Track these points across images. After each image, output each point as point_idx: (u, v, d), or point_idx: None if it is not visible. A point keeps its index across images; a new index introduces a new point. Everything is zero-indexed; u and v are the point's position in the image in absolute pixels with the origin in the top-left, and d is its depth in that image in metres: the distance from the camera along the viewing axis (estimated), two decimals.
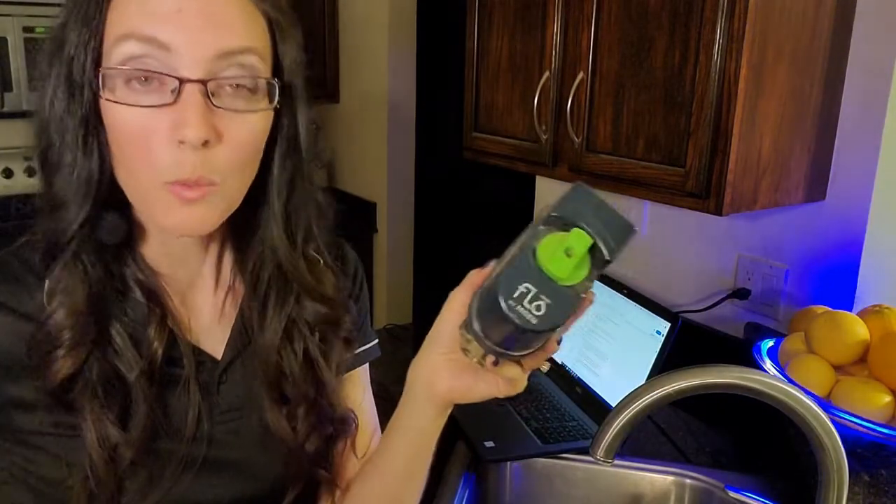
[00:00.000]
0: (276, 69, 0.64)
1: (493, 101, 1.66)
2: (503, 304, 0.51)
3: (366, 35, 2.92)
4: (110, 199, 0.63)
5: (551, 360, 1.60)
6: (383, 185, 2.95)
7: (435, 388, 0.65)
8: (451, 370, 0.63)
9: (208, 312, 0.72)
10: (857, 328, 1.10)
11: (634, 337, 1.39)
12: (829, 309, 1.19)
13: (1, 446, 0.66)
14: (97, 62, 0.59)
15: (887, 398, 1.02)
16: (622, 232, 0.53)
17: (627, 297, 1.46)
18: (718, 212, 1.17)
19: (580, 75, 1.37)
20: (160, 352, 0.65)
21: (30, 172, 2.78)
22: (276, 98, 0.63)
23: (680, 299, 1.62)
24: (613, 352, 1.44)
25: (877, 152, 1.23)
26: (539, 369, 0.63)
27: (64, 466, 0.64)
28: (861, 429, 0.97)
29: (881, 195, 1.24)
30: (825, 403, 1.03)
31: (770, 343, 1.23)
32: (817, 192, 1.30)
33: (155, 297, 0.67)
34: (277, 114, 0.65)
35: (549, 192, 2.06)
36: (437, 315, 0.65)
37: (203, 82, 0.57)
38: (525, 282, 0.51)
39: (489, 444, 1.28)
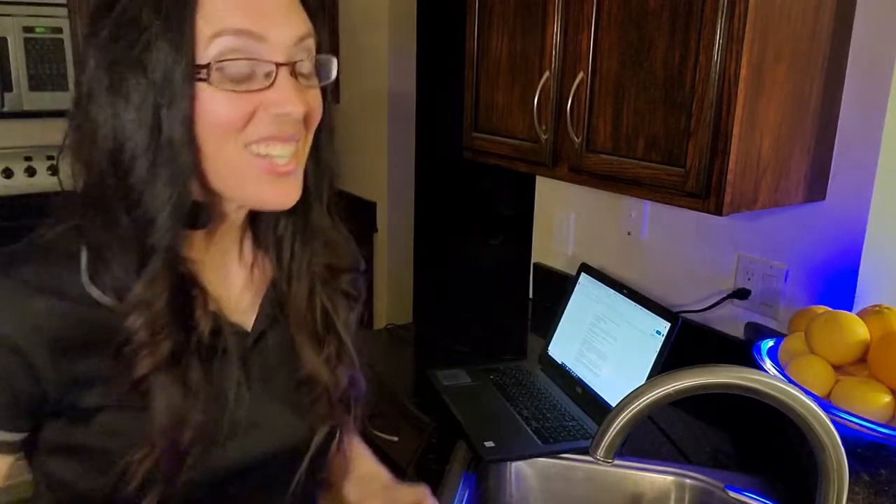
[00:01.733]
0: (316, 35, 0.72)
1: (493, 101, 1.66)
2: None
3: (366, 35, 2.92)
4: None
5: (551, 360, 1.60)
6: (383, 184, 2.96)
7: None
8: None
9: (238, 286, 0.78)
10: (856, 328, 1.10)
11: (634, 337, 1.39)
12: (829, 309, 1.19)
13: (54, 425, 0.69)
14: (193, 61, 0.63)
15: (887, 398, 1.02)
16: None
17: (627, 297, 1.46)
18: (718, 212, 1.17)
19: (580, 75, 1.37)
20: (207, 331, 0.70)
21: (30, 172, 2.78)
22: (331, 75, 0.71)
23: (680, 299, 1.63)
24: (613, 352, 1.44)
25: (877, 152, 1.23)
26: None
27: (121, 440, 0.67)
28: (861, 429, 0.97)
29: (881, 195, 1.25)
30: (825, 403, 1.03)
31: (770, 343, 1.23)
32: (817, 192, 1.30)
33: (199, 282, 0.71)
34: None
35: (549, 192, 2.06)
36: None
37: (291, 64, 0.66)
38: None
39: (489, 444, 1.28)
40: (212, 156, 0.66)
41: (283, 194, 0.69)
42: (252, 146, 0.66)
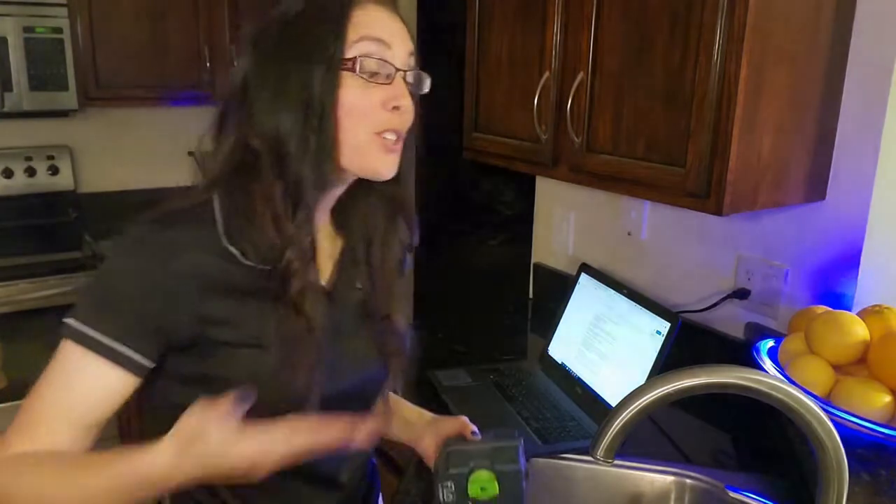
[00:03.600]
0: None
1: (493, 101, 1.66)
2: None
3: None
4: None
5: (552, 360, 1.60)
6: None
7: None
8: None
9: (323, 249, 0.94)
10: (856, 328, 1.10)
11: (634, 337, 1.39)
12: (829, 309, 1.19)
13: (188, 358, 0.84)
14: (343, 55, 0.82)
15: (887, 398, 1.02)
16: (508, 451, 0.86)
17: (627, 297, 1.46)
18: (718, 212, 1.17)
19: (580, 75, 1.37)
20: (315, 282, 0.88)
21: (30, 172, 2.78)
22: (423, 88, 0.91)
23: (680, 299, 1.63)
24: (613, 352, 1.44)
25: (877, 152, 1.23)
26: None
27: (241, 371, 0.83)
28: (861, 429, 0.98)
29: (881, 195, 1.25)
30: (825, 403, 1.03)
31: (770, 343, 1.23)
32: (817, 192, 1.30)
33: (314, 239, 0.88)
34: None
35: (549, 191, 2.06)
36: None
37: (405, 71, 0.86)
38: None
39: None
40: (345, 137, 0.84)
41: (389, 166, 0.88)
42: (375, 134, 0.85)
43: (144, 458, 0.74)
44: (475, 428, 1.04)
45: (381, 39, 0.84)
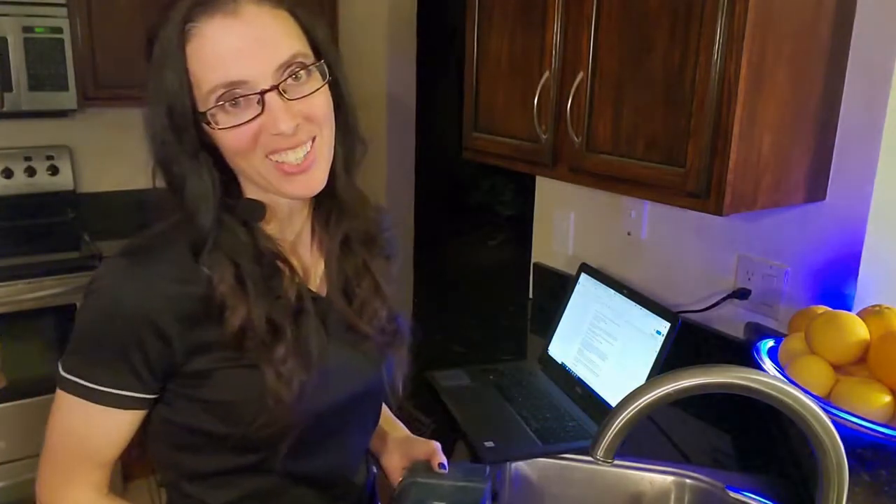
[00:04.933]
0: (314, 49, 0.82)
1: (493, 101, 1.66)
2: None
3: (366, 35, 2.92)
4: (231, 193, 0.85)
5: (551, 360, 1.60)
6: (383, 185, 2.95)
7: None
8: None
9: (308, 259, 0.93)
10: (856, 328, 1.10)
11: (634, 337, 1.39)
12: (829, 309, 1.19)
13: (185, 384, 0.83)
14: (194, 108, 0.78)
15: (887, 398, 1.02)
16: (472, 493, 0.85)
17: (627, 297, 1.46)
18: (718, 212, 1.17)
19: (580, 75, 1.37)
20: (293, 297, 0.86)
21: (30, 172, 2.78)
22: (328, 75, 0.82)
23: (680, 299, 1.62)
24: (613, 352, 1.44)
25: (877, 152, 1.23)
26: None
27: (237, 393, 0.82)
28: (861, 429, 0.98)
29: (881, 195, 1.24)
30: (825, 403, 1.03)
31: (770, 343, 1.23)
32: (817, 192, 1.30)
33: (281, 258, 0.86)
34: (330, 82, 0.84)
35: (549, 191, 2.06)
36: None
37: (275, 87, 0.77)
38: None
39: (489, 444, 1.28)
40: (243, 168, 0.82)
41: (304, 187, 0.82)
42: (271, 156, 0.80)
43: None
44: (444, 460, 1.01)
45: (230, 81, 0.76)
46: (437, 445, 1.03)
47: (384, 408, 1.12)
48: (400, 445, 1.07)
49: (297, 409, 0.83)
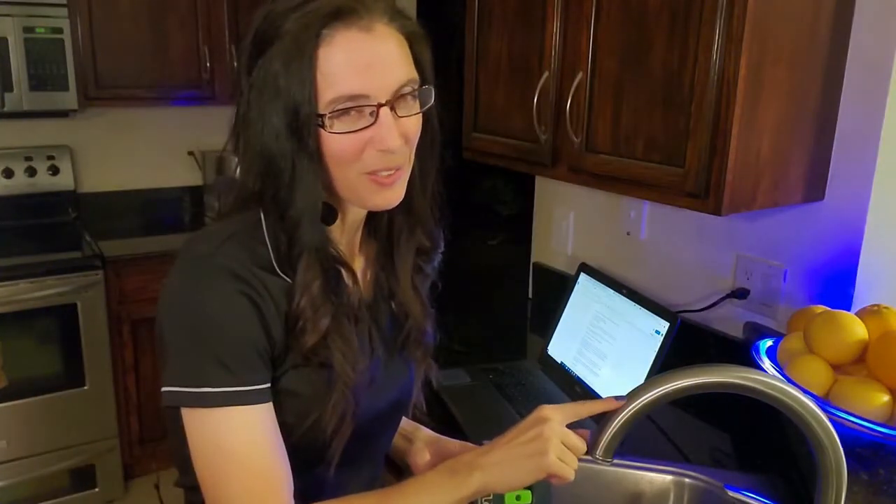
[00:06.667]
0: (420, 75, 0.85)
1: (492, 101, 1.66)
2: None
3: None
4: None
5: (551, 360, 1.60)
6: None
7: None
8: None
9: (360, 267, 0.96)
10: (855, 328, 1.10)
11: (634, 337, 1.40)
12: (828, 308, 1.19)
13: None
14: (316, 111, 0.79)
15: (886, 397, 1.02)
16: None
17: (627, 296, 1.46)
18: (717, 212, 1.17)
19: (580, 75, 1.38)
20: (356, 301, 0.90)
21: (30, 172, 2.78)
22: (429, 101, 0.87)
23: (679, 299, 1.63)
24: (613, 351, 1.44)
25: (876, 152, 1.23)
26: None
27: (307, 390, 0.84)
28: (860, 428, 0.98)
29: (880, 195, 1.25)
30: (824, 403, 1.04)
31: (769, 343, 1.23)
32: (816, 191, 1.31)
33: (347, 266, 0.89)
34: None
35: (548, 191, 2.07)
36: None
37: (391, 103, 0.80)
38: None
39: (489, 443, 1.28)
40: (337, 178, 0.83)
41: (388, 199, 0.86)
42: (366, 174, 0.82)
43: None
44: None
45: (357, 94, 0.78)
46: (470, 445, 1.06)
47: None
48: (430, 446, 1.09)
49: (356, 408, 0.85)
